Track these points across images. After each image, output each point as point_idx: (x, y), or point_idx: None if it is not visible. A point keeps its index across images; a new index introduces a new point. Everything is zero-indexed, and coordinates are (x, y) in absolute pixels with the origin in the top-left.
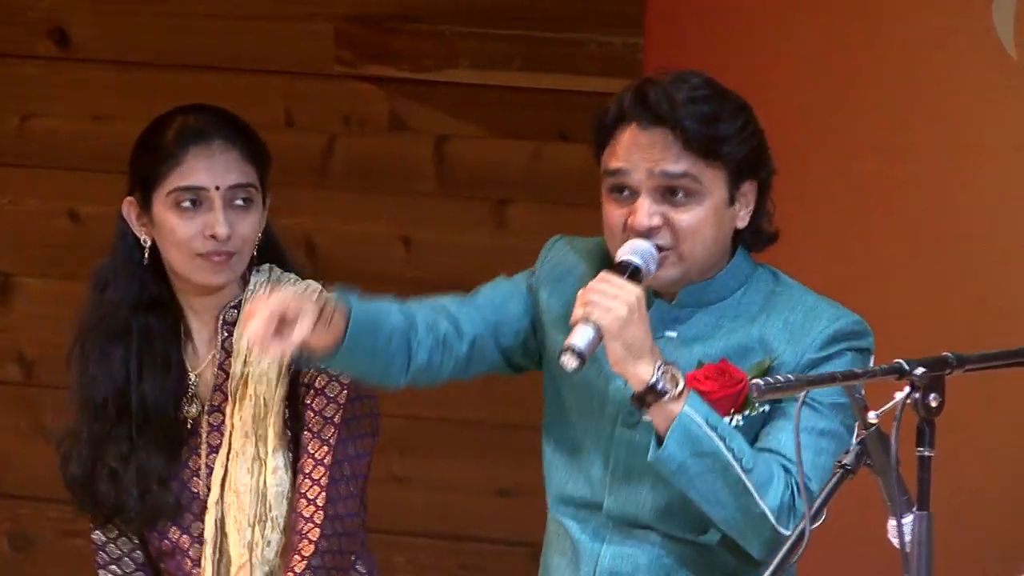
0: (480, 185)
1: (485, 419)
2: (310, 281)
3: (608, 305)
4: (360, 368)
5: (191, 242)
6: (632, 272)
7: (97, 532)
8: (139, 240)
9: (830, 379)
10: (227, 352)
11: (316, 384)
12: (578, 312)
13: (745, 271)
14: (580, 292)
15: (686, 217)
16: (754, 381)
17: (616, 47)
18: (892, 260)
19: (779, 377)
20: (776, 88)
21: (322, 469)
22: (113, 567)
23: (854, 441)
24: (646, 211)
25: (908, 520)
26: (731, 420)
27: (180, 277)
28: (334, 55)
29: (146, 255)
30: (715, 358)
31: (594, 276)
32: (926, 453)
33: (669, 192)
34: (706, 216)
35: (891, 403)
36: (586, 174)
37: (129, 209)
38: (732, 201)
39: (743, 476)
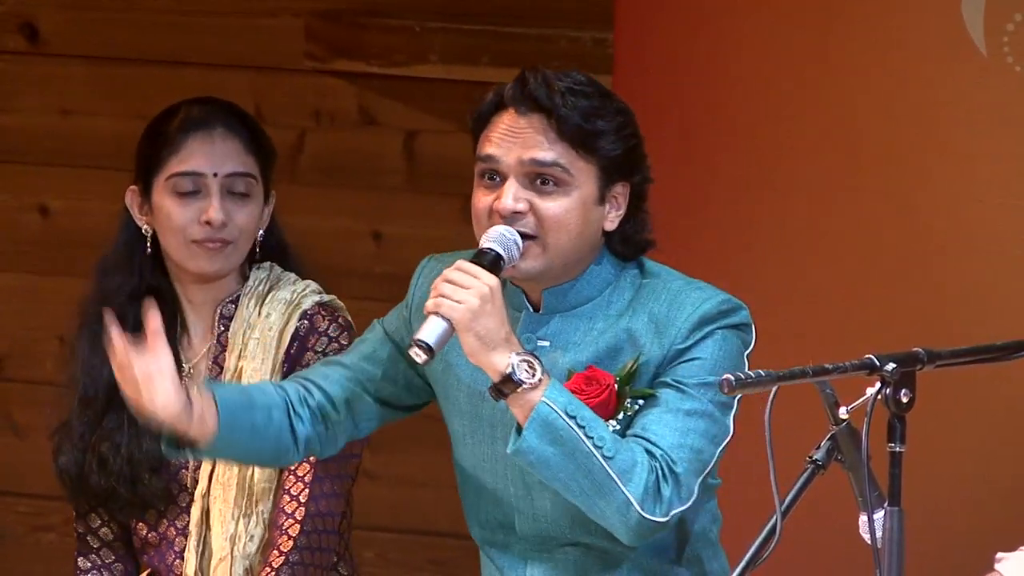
0: (450, 180)
1: None
2: (309, 282)
3: (460, 297)
4: (246, 449)
5: (187, 228)
6: (492, 260)
7: (80, 521)
8: (140, 230)
9: (800, 374)
10: (223, 346)
11: None
12: (429, 304)
13: (610, 273)
14: (434, 282)
15: (552, 205)
16: (725, 378)
17: (586, 42)
18: (863, 255)
19: (749, 373)
20: (744, 84)
21: (307, 466)
22: (93, 556)
23: (730, 422)
24: (512, 195)
25: (879, 516)
26: (609, 426)
27: (177, 266)
28: (303, 50)
29: (147, 245)
30: (584, 366)
31: None
32: (897, 449)
33: (538, 180)
34: (572, 208)
35: (862, 399)
36: None
37: (132, 198)
38: (602, 200)
39: (604, 464)
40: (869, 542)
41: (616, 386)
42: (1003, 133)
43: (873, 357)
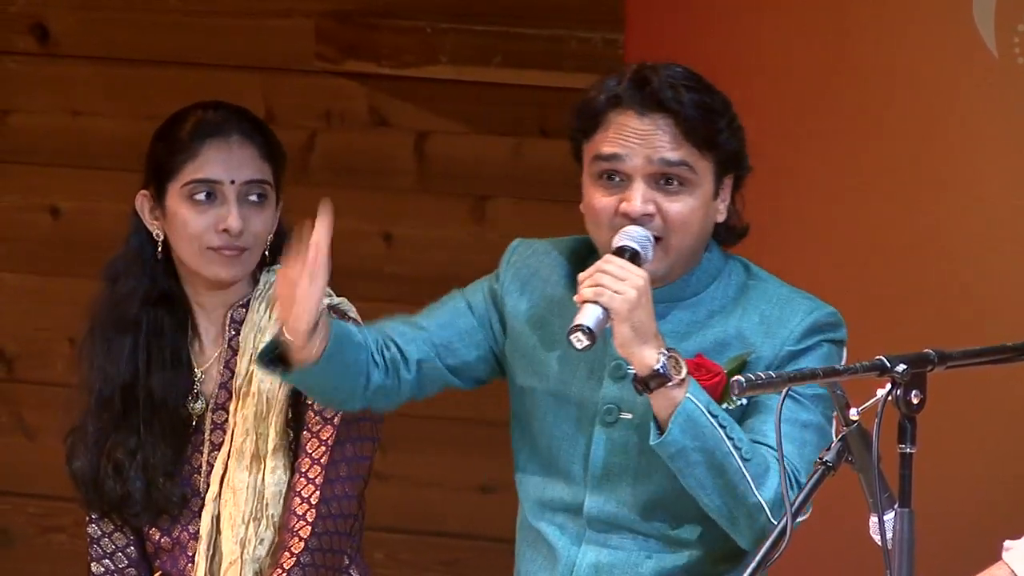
0: (460, 181)
1: (467, 416)
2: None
3: (618, 288)
4: (329, 384)
5: (203, 235)
6: (632, 257)
7: (93, 525)
8: (151, 234)
9: (811, 375)
10: (234, 350)
11: None
12: (586, 292)
13: (717, 265)
14: (583, 274)
15: (678, 206)
16: (735, 379)
17: (596, 43)
18: (875, 256)
19: (760, 375)
20: (755, 84)
21: (318, 468)
22: (107, 561)
23: (834, 436)
24: (641, 196)
25: (890, 517)
26: None
27: (190, 271)
28: (314, 51)
29: (158, 249)
30: (692, 354)
31: (560, 275)
32: (908, 450)
33: (663, 180)
34: (696, 207)
35: (873, 400)
36: (566, 170)
37: (143, 202)
38: (716, 194)
39: (741, 465)
40: (879, 543)
41: (726, 377)
42: (1015, 133)
43: (884, 358)
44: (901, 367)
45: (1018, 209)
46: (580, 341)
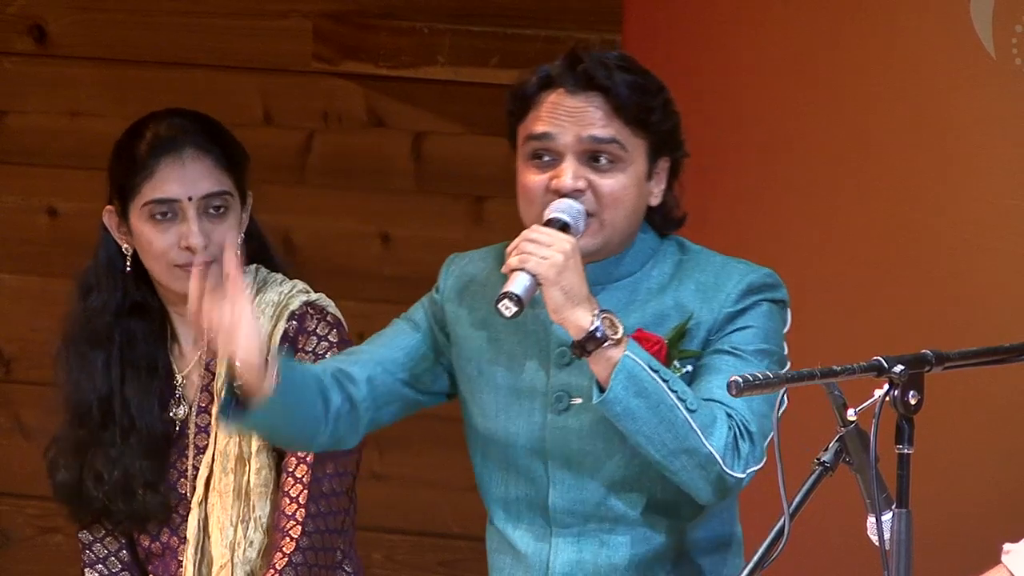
0: (458, 181)
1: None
2: (296, 281)
3: (544, 253)
4: (290, 418)
5: (167, 253)
6: (562, 228)
7: (84, 531)
8: (120, 247)
9: (808, 376)
10: (213, 353)
11: None
12: (512, 261)
13: (652, 246)
14: (510, 246)
15: (610, 183)
16: (732, 379)
17: (594, 44)
18: (872, 256)
19: (757, 374)
20: (753, 84)
21: (304, 467)
22: (99, 567)
23: (786, 397)
24: (572, 172)
25: (887, 518)
26: None
27: (162, 285)
28: (312, 52)
29: (127, 262)
30: (632, 330)
31: (497, 278)
32: (905, 450)
33: (593, 157)
34: (628, 184)
35: (870, 400)
36: None
37: (109, 218)
38: (650, 176)
39: (687, 416)
40: (877, 544)
41: (667, 346)
42: (1012, 134)
43: (881, 359)
44: (899, 368)
45: (1016, 209)
46: (508, 308)
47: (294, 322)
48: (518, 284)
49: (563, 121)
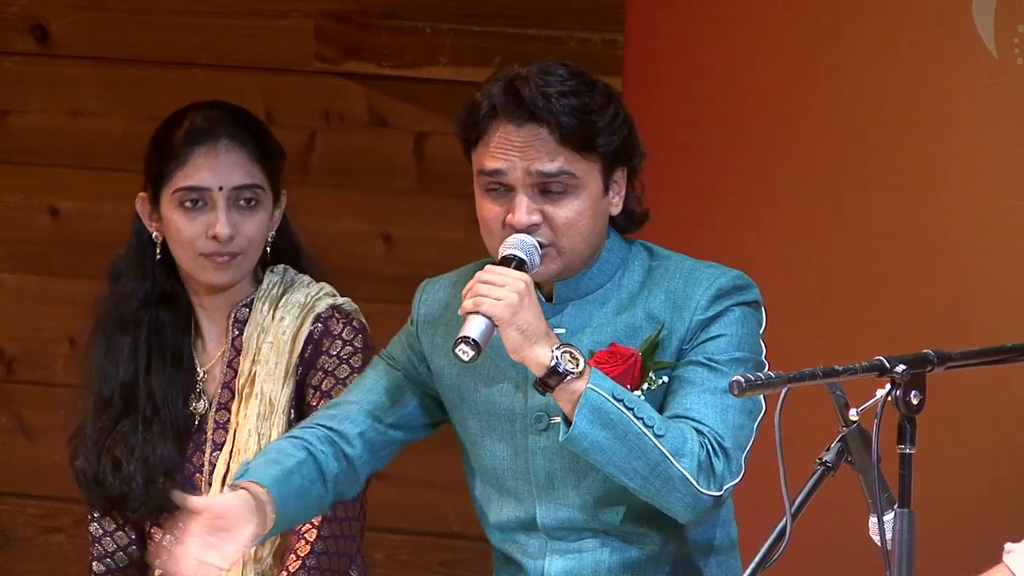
0: (459, 181)
1: None
2: (323, 284)
3: (498, 295)
4: (296, 516)
5: (195, 242)
6: (517, 265)
7: (95, 524)
8: (151, 235)
9: (810, 376)
10: (237, 350)
11: (323, 386)
12: (467, 304)
13: (620, 254)
14: (466, 287)
15: (563, 212)
16: (734, 379)
17: (596, 43)
18: (874, 256)
19: (758, 375)
20: (753, 84)
21: None
22: (108, 560)
23: (763, 402)
24: (524, 208)
25: (889, 518)
26: None
27: (187, 275)
28: (314, 51)
29: (158, 251)
30: (605, 344)
31: None
32: (907, 450)
33: (545, 188)
34: (583, 209)
35: (872, 400)
36: None
37: (142, 205)
38: (607, 190)
39: (656, 442)
40: (879, 544)
41: (640, 359)
42: (1014, 134)
43: (883, 359)
44: (900, 368)
45: (1017, 209)
46: (465, 353)
47: (320, 324)
48: (474, 327)
49: (511, 155)
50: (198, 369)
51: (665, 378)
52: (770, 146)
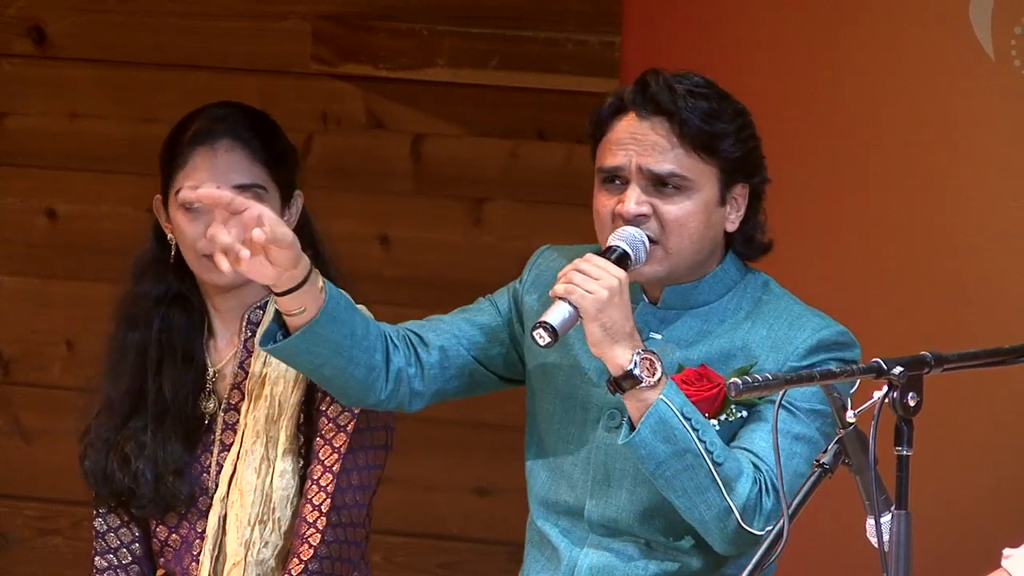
0: (457, 183)
1: (463, 418)
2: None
3: (590, 287)
4: (341, 353)
5: (196, 243)
6: (620, 257)
7: (100, 519)
8: (167, 237)
9: (808, 378)
10: (249, 351)
11: None
12: (558, 289)
13: (733, 277)
14: (564, 269)
15: (674, 209)
16: (731, 380)
17: (593, 46)
18: (871, 258)
19: (757, 376)
20: (751, 87)
21: (330, 476)
22: (111, 556)
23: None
24: (635, 198)
25: (886, 519)
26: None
27: (197, 276)
28: (311, 53)
29: (172, 252)
30: (696, 363)
31: None
32: (904, 452)
33: (659, 184)
34: (694, 211)
35: (869, 402)
36: (563, 172)
37: (157, 207)
38: (723, 201)
39: (712, 469)
40: (876, 546)
41: (725, 390)
42: (1011, 135)
43: (880, 361)
44: (898, 370)
45: (1016, 210)
46: (542, 338)
47: None
48: (557, 315)
49: (629, 147)
50: (209, 369)
51: (744, 413)
52: (768, 147)
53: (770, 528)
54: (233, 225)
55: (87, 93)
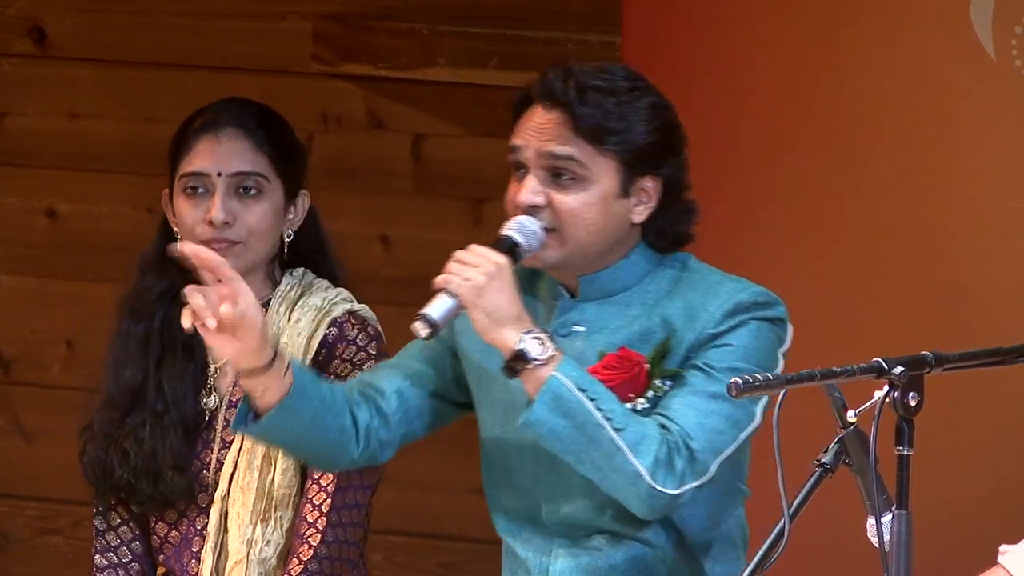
0: (458, 183)
1: (463, 418)
2: (341, 289)
3: (466, 275)
4: (312, 427)
5: (195, 228)
6: (508, 247)
7: (100, 518)
8: (173, 232)
9: (808, 377)
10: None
11: None
12: (438, 280)
13: (645, 264)
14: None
15: (568, 199)
16: (732, 381)
17: (594, 45)
18: (872, 257)
19: (756, 376)
20: (751, 86)
21: (330, 476)
22: (111, 554)
23: (759, 413)
24: (530, 188)
25: (887, 519)
26: (634, 403)
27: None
28: (312, 53)
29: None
30: (619, 347)
31: None
32: (905, 452)
33: (555, 173)
34: (590, 202)
35: (870, 402)
36: None
37: (165, 200)
38: (626, 193)
39: (614, 435)
40: (877, 545)
41: (648, 365)
42: (1012, 135)
43: (881, 360)
44: (898, 369)
45: (1015, 210)
46: (421, 330)
47: (334, 329)
48: (437, 306)
49: (530, 135)
50: (211, 365)
51: (669, 383)
52: (768, 147)
53: (689, 487)
54: (213, 292)
55: (87, 93)
